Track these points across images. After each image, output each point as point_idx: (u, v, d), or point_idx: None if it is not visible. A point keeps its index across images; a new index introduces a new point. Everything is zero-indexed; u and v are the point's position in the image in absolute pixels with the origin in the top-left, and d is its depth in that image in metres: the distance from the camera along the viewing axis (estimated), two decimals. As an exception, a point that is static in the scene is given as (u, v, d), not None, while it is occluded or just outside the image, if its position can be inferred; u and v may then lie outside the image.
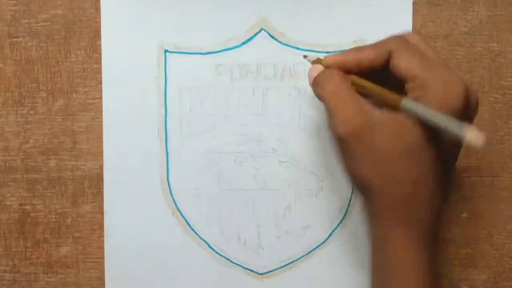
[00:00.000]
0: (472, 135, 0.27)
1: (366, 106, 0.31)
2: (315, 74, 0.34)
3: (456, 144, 0.31)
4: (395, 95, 0.31)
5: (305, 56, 0.36)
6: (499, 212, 0.40)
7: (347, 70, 0.32)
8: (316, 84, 0.33)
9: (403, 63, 0.30)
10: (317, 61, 0.34)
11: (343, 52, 0.33)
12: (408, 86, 0.31)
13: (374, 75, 0.32)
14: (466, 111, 0.30)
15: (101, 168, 0.40)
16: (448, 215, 0.40)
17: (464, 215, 0.40)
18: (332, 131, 0.32)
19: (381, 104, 0.31)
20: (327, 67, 0.33)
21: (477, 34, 0.40)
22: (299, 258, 0.41)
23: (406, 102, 0.30)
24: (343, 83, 0.32)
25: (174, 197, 0.41)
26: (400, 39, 0.32)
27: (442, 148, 0.30)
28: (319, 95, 0.33)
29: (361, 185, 0.32)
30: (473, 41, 0.40)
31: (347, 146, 0.31)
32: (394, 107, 0.30)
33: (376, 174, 0.31)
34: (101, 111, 0.40)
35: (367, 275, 0.40)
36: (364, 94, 0.32)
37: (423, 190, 0.31)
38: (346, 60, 0.32)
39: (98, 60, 0.40)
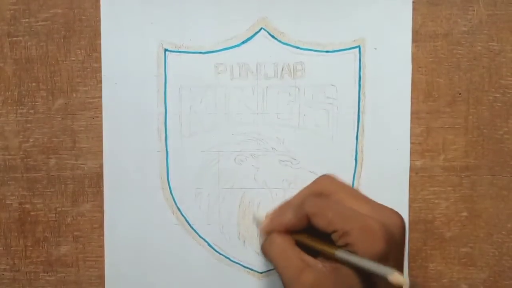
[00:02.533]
0: (395, 279, 0.29)
1: (310, 262, 0.33)
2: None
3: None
4: (329, 248, 0.33)
5: (254, 217, 0.40)
6: (499, 211, 0.40)
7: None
8: (263, 252, 0.36)
9: (322, 223, 0.33)
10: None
11: (272, 216, 0.36)
12: (333, 237, 0.33)
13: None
14: (392, 244, 0.32)
15: (101, 167, 0.41)
16: (447, 214, 0.40)
17: (464, 214, 0.41)
18: None
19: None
20: (266, 233, 0.36)
21: (477, 34, 0.40)
22: (298, 257, 0.41)
23: (339, 253, 0.32)
24: (284, 244, 0.34)
25: (174, 196, 0.41)
26: (313, 199, 0.34)
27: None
28: (269, 262, 0.35)
29: None
30: (473, 40, 0.40)
31: None
32: (331, 257, 0.33)
33: None
34: (101, 110, 0.40)
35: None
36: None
37: None
38: (277, 227, 0.35)
39: (98, 59, 0.40)
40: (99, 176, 0.41)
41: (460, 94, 0.40)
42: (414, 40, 0.40)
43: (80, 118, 0.40)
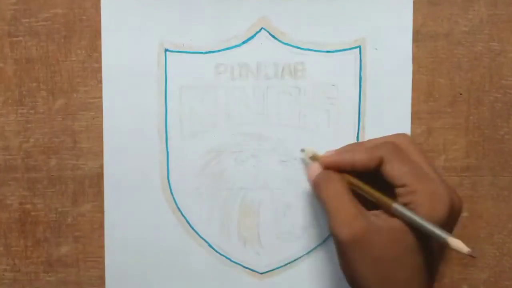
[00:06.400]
0: (455, 244, 0.30)
1: (363, 211, 0.33)
2: (314, 174, 0.36)
3: (441, 249, 0.34)
4: (387, 200, 0.33)
5: (302, 150, 0.39)
6: (500, 211, 0.40)
7: (341, 170, 0.35)
8: (316, 185, 0.36)
9: (394, 172, 0.33)
10: (313, 158, 0.38)
11: (338, 152, 0.36)
12: (398, 191, 0.33)
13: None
14: (450, 218, 0.32)
15: (101, 167, 0.40)
16: (448, 215, 0.40)
17: (465, 214, 0.40)
18: (331, 232, 0.33)
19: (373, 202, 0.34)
20: (325, 166, 0.36)
21: (478, 34, 0.40)
22: (299, 258, 0.41)
23: (397, 207, 0.32)
24: (342, 186, 0.34)
25: (174, 196, 0.41)
26: (392, 146, 0.34)
27: (431, 251, 0.33)
28: (319, 196, 0.35)
29: (357, 285, 0.33)
30: (473, 40, 0.40)
31: (345, 249, 0.33)
32: (386, 209, 0.33)
33: (372, 276, 0.32)
34: (101, 110, 0.40)
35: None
36: (357, 191, 0.34)
37: None
38: (341, 161, 0.35)
39: (98, 60, 0.40)
40: (100, 176, 0.41)
41: (461, 94, 0.40)
42: (414, 40, 0.40)
43: (80, 118, 0.40)
